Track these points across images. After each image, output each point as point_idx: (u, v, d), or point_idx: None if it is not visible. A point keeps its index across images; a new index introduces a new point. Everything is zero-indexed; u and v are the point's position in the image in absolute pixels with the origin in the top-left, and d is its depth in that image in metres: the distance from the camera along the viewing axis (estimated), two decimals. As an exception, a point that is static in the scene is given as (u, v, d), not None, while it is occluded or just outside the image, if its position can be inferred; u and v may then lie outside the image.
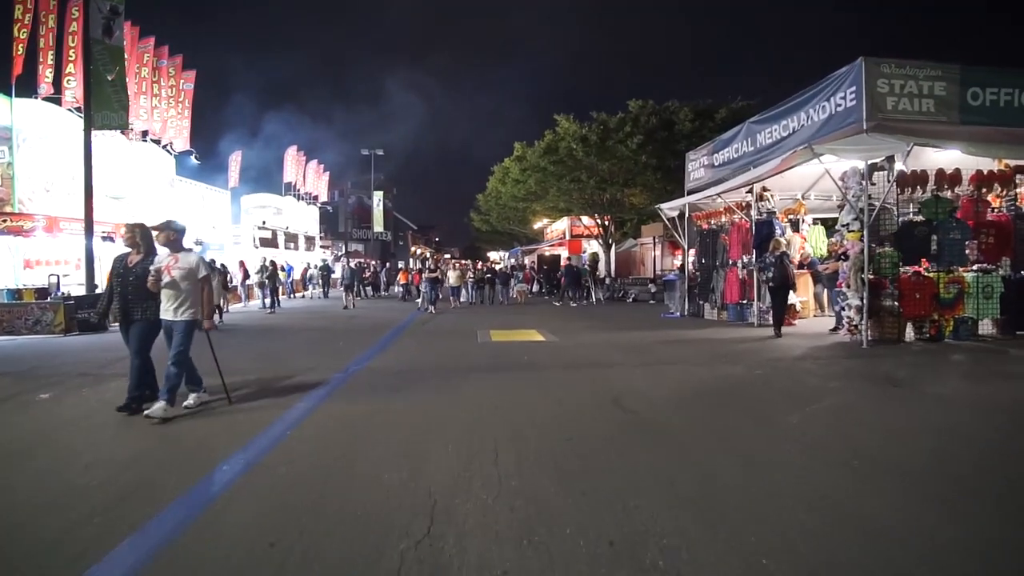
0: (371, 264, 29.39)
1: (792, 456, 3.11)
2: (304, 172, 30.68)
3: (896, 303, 7.01)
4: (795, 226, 10.37)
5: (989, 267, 7.35)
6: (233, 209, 24.11)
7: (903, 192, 7.21)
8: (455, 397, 4.59)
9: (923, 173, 7.19)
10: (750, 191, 9.84)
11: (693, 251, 12.37)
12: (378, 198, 40.89)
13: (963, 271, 7.23)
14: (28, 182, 12.22)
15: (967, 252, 7.23)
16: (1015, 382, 5.25)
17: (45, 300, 10.03)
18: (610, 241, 25.85)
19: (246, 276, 16.61)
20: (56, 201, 12.95)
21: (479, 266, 22.99)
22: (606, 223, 25.28)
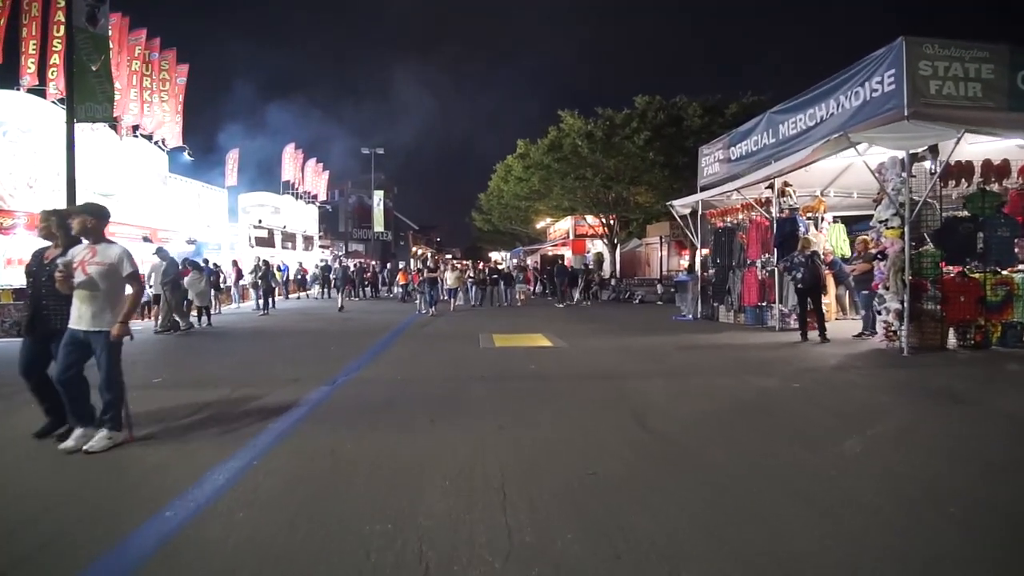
0: (371, 264, 28.81)
1: (868, 498, 2.51)
2: (303, 170, 30.17)
3: (938, 307, 6.41)
4: (814, 224, 9.77)
5: (1040, 267, 6.72)
6: (231, 208, 23.60)
7: (945, 185, 6.59)
8: (454, 416, 3.99)
9: (968, 164, 6.57)
10: (770, 186, 9.24)
11: (706, 250, 11.77)
12: (378, 197, 40.32)
13: (1012, 271, 6.62)
14: (10, 178, 11.69)
15: (1016, 251, 6.62)
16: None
17: (23, 301, 9.52)
18: (615, 241, 25.25)
19: (239, 276, 16.04)
20: (40, 198, 12.41)
21: (481, 266, 22.37)
22: (611, 222, 24.67)
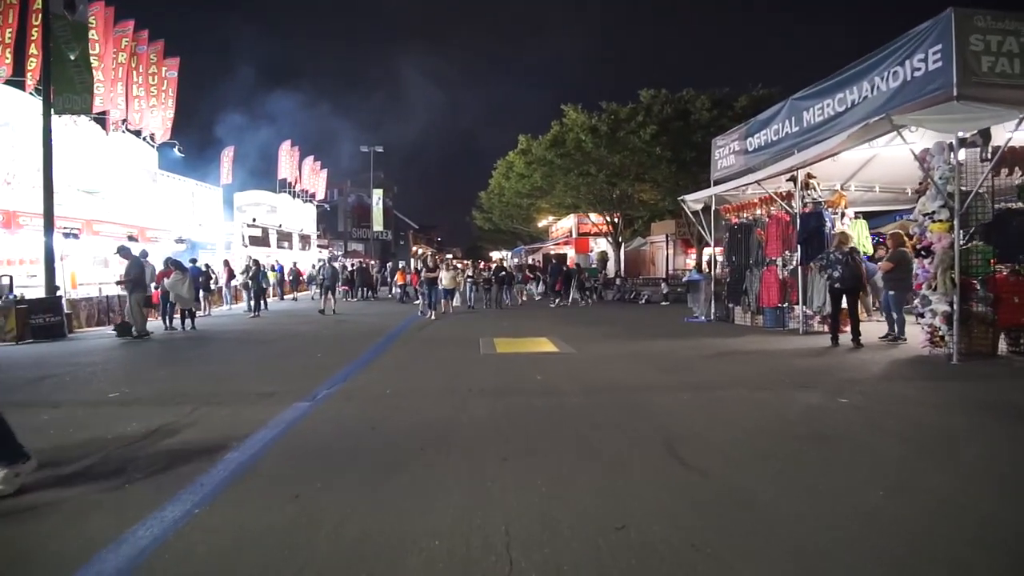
0: (370, 264, 28.20)
1: (978, 562, 1.88)
2: (300, 168, 29.55)
3: (989, 309, 5.76)
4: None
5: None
6: (226, 206, 23.01)
7: (997, 174, 5.94)
8: (447, 446, 3.33)
9: (1022, 151, 5.92)
10: (791, 179, 8.59)
11: (719, 248, 11.12)
12: (378, 196, 39.75)
13: (1070, 270, 5.96)
14: (-15, 173, 11.11)
15: (1076, 247, 5.96)
16: None
17: (-4, 304, 8.94)
18: (620, 239, 24.59)
19: (231, 277, 15.42)
20: (18, 195, 11.83)
21: (482, 266, 21.70)
22: (615, 220, 24.00)
